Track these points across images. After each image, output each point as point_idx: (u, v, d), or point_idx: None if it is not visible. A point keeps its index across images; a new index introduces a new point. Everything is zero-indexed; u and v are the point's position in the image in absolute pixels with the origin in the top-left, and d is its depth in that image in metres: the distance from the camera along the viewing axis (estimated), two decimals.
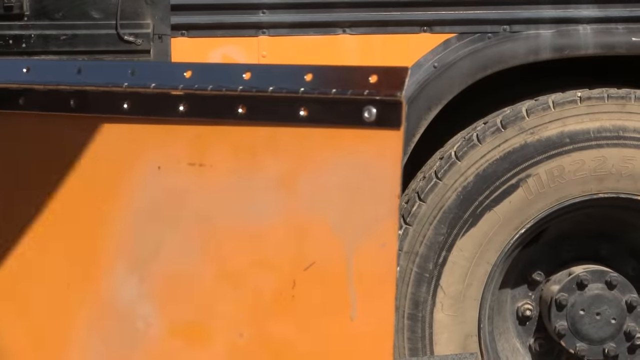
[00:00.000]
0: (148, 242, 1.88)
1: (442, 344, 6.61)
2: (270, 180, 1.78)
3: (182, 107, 1.80)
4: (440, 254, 6.57)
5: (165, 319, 1.89)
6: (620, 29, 6.51)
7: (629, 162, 6.52)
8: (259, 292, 1.81)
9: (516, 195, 6.56)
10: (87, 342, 1.96)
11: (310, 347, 1.76)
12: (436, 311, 6.62)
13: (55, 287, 1.95)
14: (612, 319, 6.81)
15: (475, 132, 6.55)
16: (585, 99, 6.58)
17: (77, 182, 1.90)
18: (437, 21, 6.37)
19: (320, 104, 1.71)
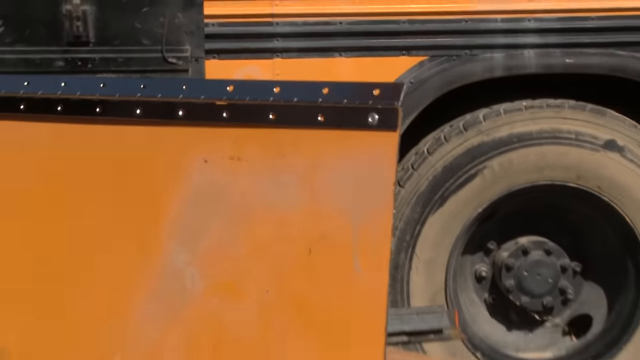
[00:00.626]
0: (196, 220, 1.87)
1: (416, 298, 6.60)
2: (294, 171, 1.77)
3: (225, 113, 1.80)
4: (415, 227, 6.56)
5: (208, 280, 1.88)
6: (557, 52, 6.51)
7: (562, 157, 6.51)
8: (282, 258, 1.80)
9: (475, 183, 6.55)
10: (151, 298, 1.95)
11: (323, 300, 1.75)
12: (412, 273, 6.62)
13: (127, 258, 1.94)
14: (549, 278, 6.79)
15: (443, 133, 6.56)
16: (529, 107, 6.56)
17: (146, 172, 1.89)
18: (413, 47, 6.36)
19: (334, 111, 1.70)
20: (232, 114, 1.84)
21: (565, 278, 6.87)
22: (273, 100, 1.80)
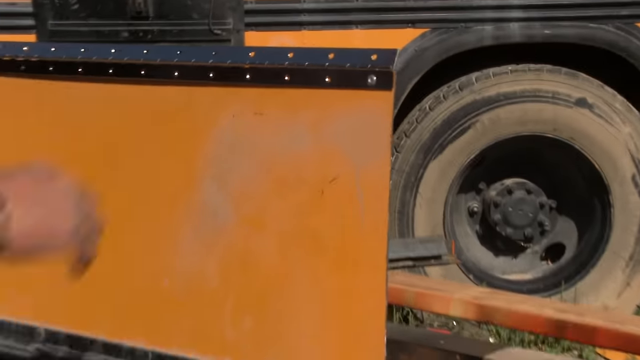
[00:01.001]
0: (227, 165, 1.87)
1: (419, 229, 6.61)
2: (306, 124, 1.77)
3: (248, 75, 1.80)
4: (419, 171, 6.55)
5: (237, 214, 1.88)
6: (537, 25, 6.48)
7: (541, 112, 6.49)
8: (299, 196, 1.80)
9: (468, 134, 6.53)
10: (192, 229, 1.96)
11: (333, 231, 1.75)
12: (416, 208, 6.61)
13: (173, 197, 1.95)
14: (529, 213, 6.78)
15: (442, 92, 6.54)
16: (514, 71, 6.54)
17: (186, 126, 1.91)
18: (417, 20, 6.35)
19: (339, 73, 1.71)
20: (254, 75, 1.84)
21: (543, 213, 6.87)
22: (288, 64, 1.80)
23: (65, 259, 1.90)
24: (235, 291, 1.92)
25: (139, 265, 2.03)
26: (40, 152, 1.97)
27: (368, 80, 1.68)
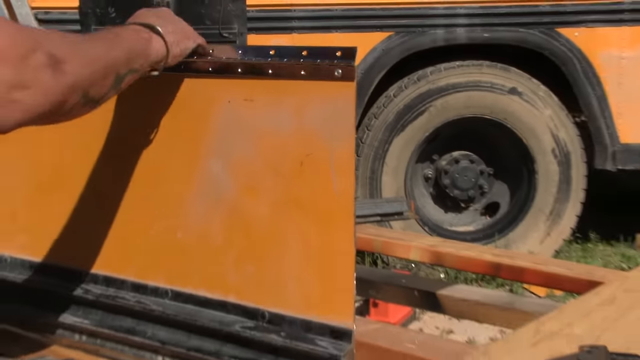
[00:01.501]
0: (226, 142, 1.85)
1: (385, 192, 6.61)
2: (287, 109, 1.74)
3: (240, 69, 1.78)
4: (385, 145, 6.55)
5: (236, 183, 1.86)
6: (479, 29, 6.46)
7: (482, 98, 6.49)
8: (284, 168, 1.78)
9: (424, 116, 6.53)
10: (201, 196, 1.94)
11: (311, 196, 1.73)
12: (383, 175, 6.60)
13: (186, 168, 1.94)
14: (472, 178, 6.78)
15: (403, 83, 6.53)
16: (460, 66, 6.53)
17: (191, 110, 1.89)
18: (384, 25, 6.36)
19: (312, 67, 1.69)
20: (244, 69, 1.82)
21: (483, 178, 6.87)
22: (270, 60, 1.78)
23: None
24: (235, 243, 1.91)
25: (160, 222, 2.02)
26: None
27: (335, 73, 1.66)
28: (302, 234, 1.77)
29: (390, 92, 6.59)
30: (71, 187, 2.12)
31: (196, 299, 1.97)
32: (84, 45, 1.57)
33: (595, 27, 6.47)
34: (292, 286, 1.81)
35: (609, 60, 6.49)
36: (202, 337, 1.96)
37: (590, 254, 6.98)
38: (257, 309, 1.87)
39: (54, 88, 1.42)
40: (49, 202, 2.21)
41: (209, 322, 1.93)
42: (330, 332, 1.76)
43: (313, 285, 1.78)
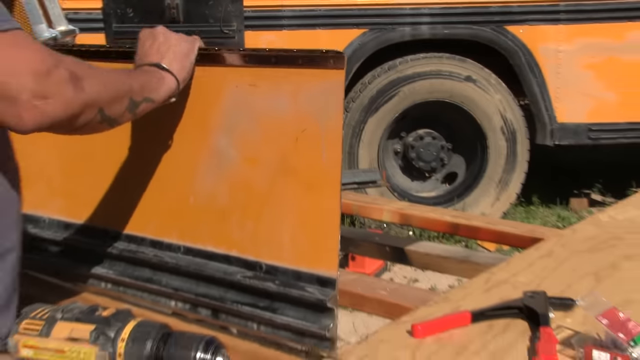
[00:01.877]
0: (232, 121, 1.84)
1: (362, 164, 6.61)
2: (287, 92, 1.73)
3: (246, 59, 1.77)
4: (361, 125, 6.54)
5: (240, 155, 1.86)
6: (439, 27, 6.45)
7: (442, 85, 6.48)
8: (282, 142, 1.77)
9: (394, 100, 6.52)
10: (209, 165, 1.93)
11: (305, 165, 1.72)
12: (360, 149, 6.59)
13: (198, 142, 1.93)
14: (434, 152, 6.79)
15: (376, 72, 6.52)
16: (424, 57, 6.52)
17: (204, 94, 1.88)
18: (359, 23, 6.37)
19: (308, 57, 1.68)
20: (250, 59, 1.81)
21: (443, 152, 6.86)
22: (272, 51, 1.77)
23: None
24: (238, 206, 1.90)
25: (175, 188, 2.02)
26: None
27: (329, 62, 1.65)
28: (295, 197, 1.77)
29: (365, 79, 6.56)
30: (100, 158, 2.12)
31: (204, 253, 1.97)
32: (102, 70, 1.56)
33: (537, 25, 6.46)
34: (286, 242, 1.81)
35: (548, 53, 6.49)
36: (209, 284, 1.96)
37: (532, 215, 7.01)
38: (255, 261, 1.87)
39: (72, 101, 1.41)
40: (80, 171, 2.21)
41: (215, 272, 1.93)
42: (317, 280, 1.76)
43: (304, 241, 1.78)
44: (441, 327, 1.73)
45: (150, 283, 2.07)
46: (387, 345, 1.69)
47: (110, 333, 1.50)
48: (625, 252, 2.20)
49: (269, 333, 1.84)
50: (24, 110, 1.34)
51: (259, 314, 1.84)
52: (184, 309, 2.02)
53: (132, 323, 1.53)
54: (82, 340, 1.51)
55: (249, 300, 1.88)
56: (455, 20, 6.49)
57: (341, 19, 6.41)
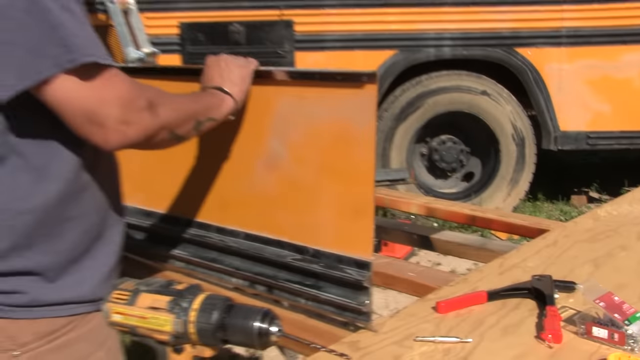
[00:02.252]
0: (285, 125, 1.83)
1: (393, 164, 6.58)
2: (330, 103, 1.71)
3: (296, 76, 1.77)
4: (392, 131, 6.54)
5: (288, 155, 1.85)
6: (459, 48, 6.41)
7: (461, 98, 6.49)
8: (324, 143, 1.76)
9: (420, 110, 6.49)
10: (264, 164, 1.93)
11: (343, 164, 1.71)
12: (391, 152, 6.57)
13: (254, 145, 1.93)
14: (454, 155, 6.75)
15: (405, 86, 6.52)
16: (446, 74, 6.48)
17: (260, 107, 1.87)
18: (391, 46, 6.34)
19: (346, 74, 1.65)
20: (299, 76, 1.81)
21: (462, 155, 6.81)
22: (311, 76, 1.76)
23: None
24: (287, 198, 1.90)
25: (236, 182, 2.02)
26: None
27: (362, 79, 1.64)
28: (336, 192, 1.76)
29: (396, 93, 6.52)
30: (175, 159, 2.13)
31: (261, 239, 1.97)
32: (174, 97, 1.57)
33: (543, 47, 6.40)
34: (329, 230, 1.81)
35: (552, 71, 6.43)
36: (264, 265, 1.96)
37: (538, 209, 6.95)
38: (303, 246, 1.87)
39: (149, 126, 1.44)
40: (158, 169, 2.22)
41: (269, 255, 1.94)
42: (355, 263, 1.76)
43: (344, 229, 1.77)
44: (461, 304, 1.73)
45: (215, 263, 2.08)
46: (415, 318, 1.68)
47: (184, 303, 1.51)
48: (619, 242, 2.18)
49: (314, 307, 1.84)
50: (110, 134, 1.37)
51: (306, 291, 1.85)
52: (243, 285, 2.02)
53: (202, 296, 1.54)
54: (161, 309, 1.52)
55: (298, 279, 1.88)
56: (472, 43, 6.43)
57: (376, 42, 6.39)
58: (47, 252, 1.45)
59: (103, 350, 1.53)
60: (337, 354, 1.52)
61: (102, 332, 1.54)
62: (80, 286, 1.51)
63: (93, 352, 1.51)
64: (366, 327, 1.68)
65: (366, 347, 1.57)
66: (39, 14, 1.29)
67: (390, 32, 6.36)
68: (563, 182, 7.52)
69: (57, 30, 1.30)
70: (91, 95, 1.35)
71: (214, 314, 1.50)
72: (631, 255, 2.07)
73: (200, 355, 1.54)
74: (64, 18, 1.31)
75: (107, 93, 1.36)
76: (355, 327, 1.73)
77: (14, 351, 1.41)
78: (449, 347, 1.53)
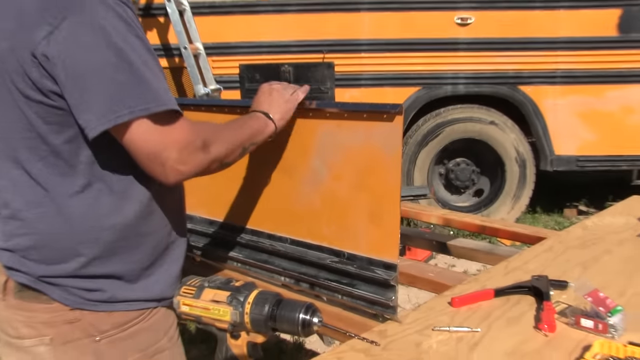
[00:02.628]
0: (325, 149, 1.83)
1: (416, 182, 6.53)
2: (362, 131, 1.70)
3: (334, 110, 1.78)
4: (415, 155, 6.47)
5: (328, 173, 1.84)
6: (472, 86, 6.37)
7: (473, 127, 6.39)
8: (360, 165, 1.75)
9: (439, 137, 6.43)
10: (307, 181, 1.92)
11: (374, 183, 1.70)
12: (414, 172, 6.52)
13: (300, 164, 1.92)
14: (467, 174, 6.68)
15: (427, 117, 6.44)
16: (460, 108, 6.43)
17: (305, 135, 1.85)
18: (414, 84, 6.28)
19: (376, 108, 1.64)
20: (336, 109, 1.78)
21: (474, 174, 6.73)
22: (347, 108, 1.74)
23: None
24: (328, 210, 1.89)
25: (283, 195, 2.01)
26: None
27: (391, 110, 1.63)
28: (369, 205, 1.75)
29: (419, 122, 6.46)
30: (232, 176, 2.14)
31: (304, 244, 1.97)
32: (225, 130, 1.57)
33: (541, 85, 6.35)
34: (362, 237, 1.80)
35: (548, 105, 6.36)
36: (307, 266, 1.96)
37: (537, 220, 6.86)
38: (340, 250, 1.87)
39: (203, 163, 1.45)
40: (218, 186, 2.23)
41: (312, 257, 1.93)
42: (384, 265, 1.75)
43: (374, 236, 1.76)
44: (472, 300, 1.72)
45: (266, 264, 2.08)
46: (433, 311, 1.68)
47: (241, 298, 1.51)
48: (604, 248, 2.17)
49: (349, 301, 1.84)
50: (168, 172, 1.39)
51: (342, 288, 1.84)
52: (290, 282, 2.02)
53: (256, 291, 1.54)
54: (221, 302, 1.53)
55: (335, 278, 1.87)
56: (482, 81, 6.37)
57: (402, 80, 6.33)
58: (124, 261, 1.48)
59: (166, 337, 1.56)
60: (368, 341, 1.52)
61: (166, 322, 1.56)
62: (150, 288, 1.53)
63: (158, 339, 1.53)
64: (392, 319, 1.68)
65: (392, 335, 1.56)
66: (126, 71, 1.31)
67: (415, 72, 6.32)
68: (557, 197, 7.44)
69: (139, 84, 1.32)
70: (156, 139, 1.37)
71: (266, 307, 1.50)
72: (613, 259, 2.06)
73: (253, 340, 1.54)
74: (144, 73, 1.33)
75: (169, 138, 1.38)
76: (383, 319, 1.72)
77: (96, 337, 1.44)
78: (461, 336, 1.53)
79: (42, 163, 1.40)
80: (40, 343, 1.43)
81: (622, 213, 2.60)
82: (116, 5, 1.32)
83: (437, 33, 6.29)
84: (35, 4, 1.32)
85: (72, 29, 1.28)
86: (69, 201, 1.40)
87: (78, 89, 1.31)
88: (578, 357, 1.40)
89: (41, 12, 1.30)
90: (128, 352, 1.48)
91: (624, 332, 1.50)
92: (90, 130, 1.32)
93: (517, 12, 6.27)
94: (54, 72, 1.30)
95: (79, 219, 1.41)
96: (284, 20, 6.31)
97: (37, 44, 1.29)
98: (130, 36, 1.32)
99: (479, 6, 6.27)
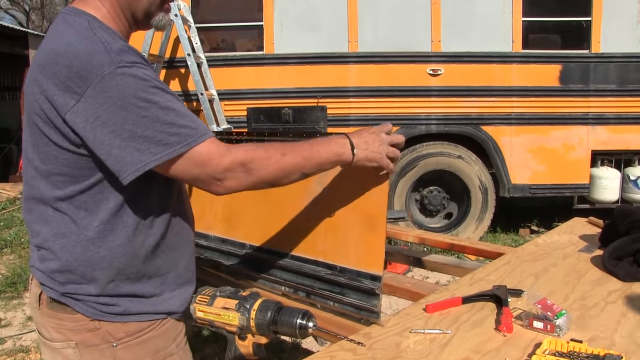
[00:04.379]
0: (324, 182, 1.83)
1: (395, 207, 6.50)
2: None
3: None
4: (395, 184, 6.45)
5: (329, 195, 1.84)
6: (442, 125, 6.38)
7: (444, 160, 6.40)
8: (356, 191, 1.74)
9: (415, 169, 6.42)
10: (311, 202, 1.91)
11: (364, 207, 1.69)
12: (394, 198, 6.51)
13: (307, 191, 1.91)
14: (439, 200, 6.66)
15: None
16: (432, 144, 6.43)
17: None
18: (395, 123, 6.10)
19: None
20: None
21: (444, 200, 6.70)
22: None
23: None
24: (323, 226, 1.88)
25: (285, 217, 2.01)
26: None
27: None
28: (359, 225, 1.75)
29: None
30: (243, 200, 2.13)
31: (302, 258, 1.97)
32: (269, 154, 1.42)
33: (499, 126, 6.39)
34: (352, 252, 1.79)
35: (505, 142, 6.41)
36: (304, 277, 1.95)
37: (497, 239, 6.83)
38: (333, 264, 1.86)
39: (244, 181, 1.39)
40: (234, 204, 2.23)
41: (308, 270, 1.92)
42: (370, 276, 1.74)
43: (363, 251, 1.76)
44: (443, 306, 1.71)
45: (269, 275, 2.07)
46: (410, 316, 1.67)
47: (247, 305, 1.51)
48: (551, 261, 2.17)
49: (339, 308, 1.82)
50: (212, 188, 1.38)
51: (334, 296, 1.83)
52: (289, 292, 2.01)
53: (260, 300, 1.53)
54: (231, 309, 1.52)
55: (328, 287, 1.86)
56: (451, 122, 6.39)
57: (383, 120, 6.24)
58: (136, 285, 1.46)
59: (175, 343, 1.53)
60: (355, 342, 1.51)
61: (175, 331, 1.54)
62: (159, 304, 1.50)
63: (168, 345, 1.51)
64: (376, 322, 1.67)
65: (376, 336, 1.55)
66: (151, 119, 1.28)
67: (394, 114, 6.34)
68: (513, 219, 7.46)
69: (169, 126, 1.30)
70: (195, 167, 1.35)
71: (268, 313, 1.49)
72: (559, 270, 2.06)
73: (258, 341, 1.54)
74: (170, 115, 1.30)
75: (204, 158, 1.34)
76: (368, 323, 1.71)
77: (113, 343, 1.43)
78: (434, 337, 1.52)
79: (68, 201, 1.39)
80: (68, 346, 1.44)
81: (566, 232, 2.62)
82: (134, 70, 1.29)
83: (413, 82, 6.35)
84: (65, 72, 1.27)
85: (96, 97, 1.26)
86: (88, 233, 1.39)
87: (105, 148, 1.29)
88: (531, 353, 1.41)
89: (67, 81, 1.27)
90: (141, 356, 1.47)
91: (567, 331, 1.52)
92: (123, 179, 1.31)
93: (479, 65, 6.34)
94: (83, 135, 1.29)
95: (95, 249, 1.40)
96: (284, 71, 6.35)
97: (67, 111, 1.28)
98: (150, 89, 1.29)
99: (447, 60, 6.34)
